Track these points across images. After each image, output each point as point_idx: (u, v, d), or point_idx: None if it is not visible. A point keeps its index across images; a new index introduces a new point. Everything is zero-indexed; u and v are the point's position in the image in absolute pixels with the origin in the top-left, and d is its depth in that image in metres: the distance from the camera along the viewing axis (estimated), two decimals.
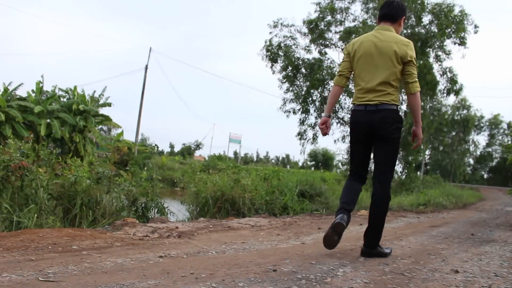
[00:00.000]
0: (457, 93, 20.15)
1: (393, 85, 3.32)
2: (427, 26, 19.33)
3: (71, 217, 5.80)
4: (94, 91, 24.68)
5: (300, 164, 68.22)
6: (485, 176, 56.44)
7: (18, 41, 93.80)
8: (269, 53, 21.45)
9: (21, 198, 5.32)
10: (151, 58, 31.80)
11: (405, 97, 15.74)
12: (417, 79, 3.36)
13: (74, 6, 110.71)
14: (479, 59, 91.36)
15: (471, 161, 55.07)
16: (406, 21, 3.62)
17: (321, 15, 21.12)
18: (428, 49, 19.37)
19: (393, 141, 3.36)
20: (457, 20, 18.33)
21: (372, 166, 3.75)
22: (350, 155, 3.69)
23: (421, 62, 18.50)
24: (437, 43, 19.20)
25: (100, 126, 32.25)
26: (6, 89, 20.85)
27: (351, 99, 3.82)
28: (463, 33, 18.47)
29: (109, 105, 24.26)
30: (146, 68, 31.38)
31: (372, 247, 3.42)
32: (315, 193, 9.41)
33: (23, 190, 5.38)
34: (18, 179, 5.30)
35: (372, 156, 3.54)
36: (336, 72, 3.73)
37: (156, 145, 45.31)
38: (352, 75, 3.58)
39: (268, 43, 21.48)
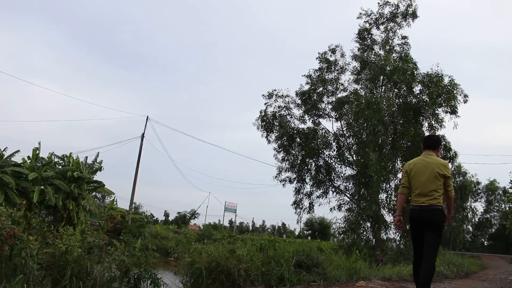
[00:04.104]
0: (451, 160, 20.34)
1: (438, 191, 4.83)
2: (419, 96, 19.95)
3: None
4: (86, 157, 24.72)
5: (296, 233, 67.09)
6: (485, 243, 55.21)
7: (17, 109, 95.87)
8: (264, 123, 21.92)
9: (9, 268, 5.14)
10: (147, 126, 32.15)
11: None
12: (452, 188, 4.91)
13: (73, 75, 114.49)
14: (472, 126, 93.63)
15: (470, 228, 54.30)
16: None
17: (312, 87, 21.88)
18: (421, 117, 19.81)
19: (439, 230, 4.83)
20: (447, 89, 18.93)
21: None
22: (412, 239, 5.17)
23: (413, 130, 18.89)
24: (429, 112, 19.66)
25: (93, 193, 31.97)
26: (1, 155, 20.87)
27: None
28: (453, 102, 18.93)
29: (100, 169, 24.27)
30: (143, 136, 31.80)
31: None
32: (312, 264, 9.15)
33: (12, 259, 5.22)
34: (8, 248, 5.16)
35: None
36: (400, 185, 5.30)
37: (151, 214, 44.87)
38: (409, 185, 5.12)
39: (263, 114, 22.02)
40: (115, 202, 28.24)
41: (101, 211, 25.31)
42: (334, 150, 21.95)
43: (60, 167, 23.08)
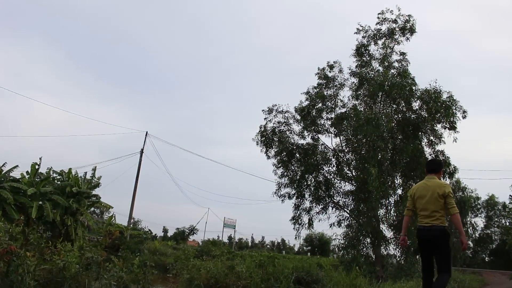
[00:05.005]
0: (451, 175, 20.26)
1: (440, 212, 5.14)
2: (417, 112, 19.99)
3: None
4: (85, 173, 24.65)
5: (296, 249, 66.52)
6: (486, 259, 54.62)
7: (16, 124, 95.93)
8: (264, 138, 21.92)
9: (6, 285, 5.08)
10: (147, 142, 32.16)
11: None
12: (454, 205, 5.12)
13: (73, 91, 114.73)
14: (471, 140, 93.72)
15: (471, 243, 53.84)
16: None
17: (311, 103, 21.95)
18: (420, 133, 19.82)
19: (443, 247, 5.13)
20: (446, 105, 18.98)
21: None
22: (420, 256, 5.52)
23: (412, 146, 18.91)
24: (428, 128, 19.67)
25: (92, 209, 31.74)
26: (0, 170, 20.80)
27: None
28: (452, 118, 18.94)
29: (98, 185, 24.20)
30: (142, 152, 31.74)
31: None
32: (312, 280, 9.08)
33: (9, 275, 5.16)
34: (5, 264, 5.11)
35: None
36: (406, 208, 5.72)
37: (149, 230, 44.53)
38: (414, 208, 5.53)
39: (262, 129, 22.05)
40: (113, 218, 28.04)
41: (100, 227, 25.17)
42: (333, 166, 21.93)
43: (59, 182, 23.01)
